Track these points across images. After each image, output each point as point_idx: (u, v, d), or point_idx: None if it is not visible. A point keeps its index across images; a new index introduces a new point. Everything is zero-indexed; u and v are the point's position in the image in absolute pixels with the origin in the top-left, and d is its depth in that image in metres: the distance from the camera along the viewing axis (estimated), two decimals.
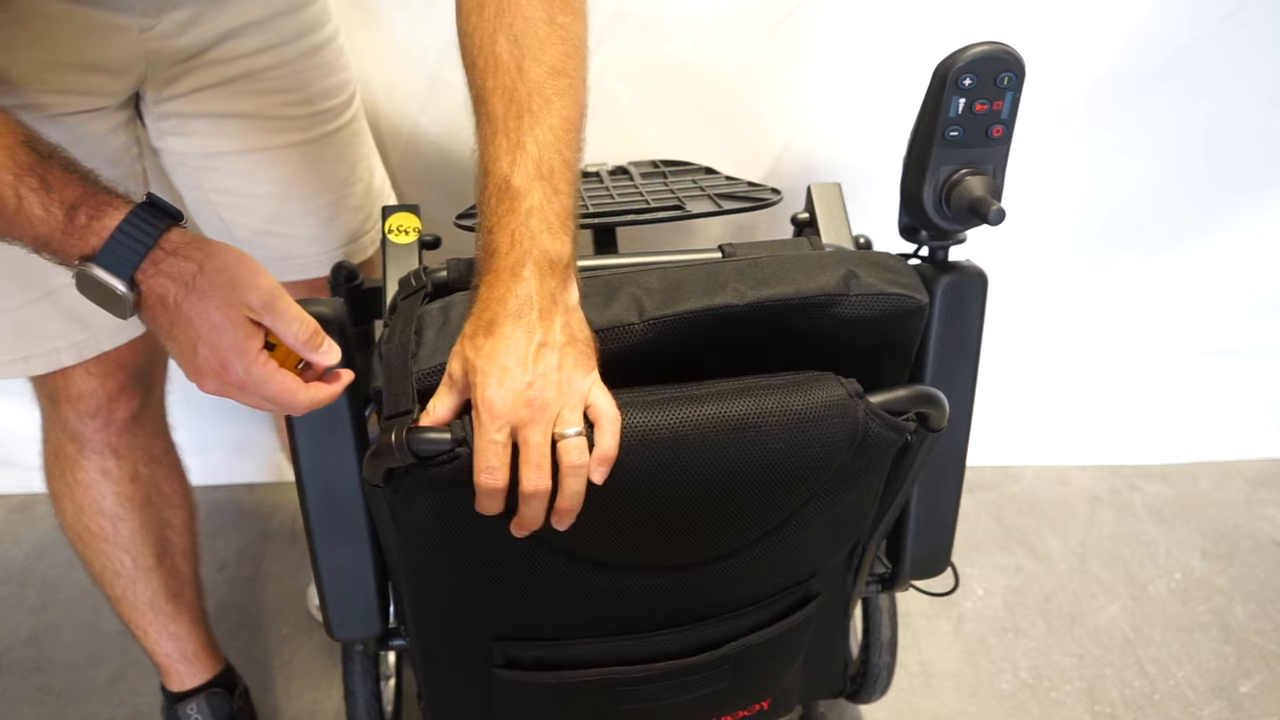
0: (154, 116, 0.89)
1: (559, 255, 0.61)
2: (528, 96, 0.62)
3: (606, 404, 0.60)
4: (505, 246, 0.60)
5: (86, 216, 0.58)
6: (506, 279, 0.60)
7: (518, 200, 0.60)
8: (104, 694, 1.25)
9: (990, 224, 0.69)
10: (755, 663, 0.78)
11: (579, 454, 0.59)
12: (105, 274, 0.58)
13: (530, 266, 0.59)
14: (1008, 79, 0.69)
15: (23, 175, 0.57)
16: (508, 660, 0.75)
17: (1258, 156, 1.42)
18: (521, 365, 0.58)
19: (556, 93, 0.63)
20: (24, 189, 0.57)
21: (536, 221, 0.60)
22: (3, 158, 0.57)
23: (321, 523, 0.75)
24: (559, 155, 0.62)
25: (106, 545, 1.02)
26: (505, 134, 0.62)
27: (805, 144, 1.32)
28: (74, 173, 0.59)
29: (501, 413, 0.57)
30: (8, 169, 0.57)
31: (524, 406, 0.57)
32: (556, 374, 0.59)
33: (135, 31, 0.80)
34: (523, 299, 0.59)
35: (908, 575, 0.86)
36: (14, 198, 0.57)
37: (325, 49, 0.95)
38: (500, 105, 0.63)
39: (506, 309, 0.59)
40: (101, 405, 0.93)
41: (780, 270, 0.69)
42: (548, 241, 0.60)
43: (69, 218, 0.58)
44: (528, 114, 0.62)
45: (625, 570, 0.69)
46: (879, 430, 0.65)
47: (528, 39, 0.63)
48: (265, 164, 0.94)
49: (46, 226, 0.58)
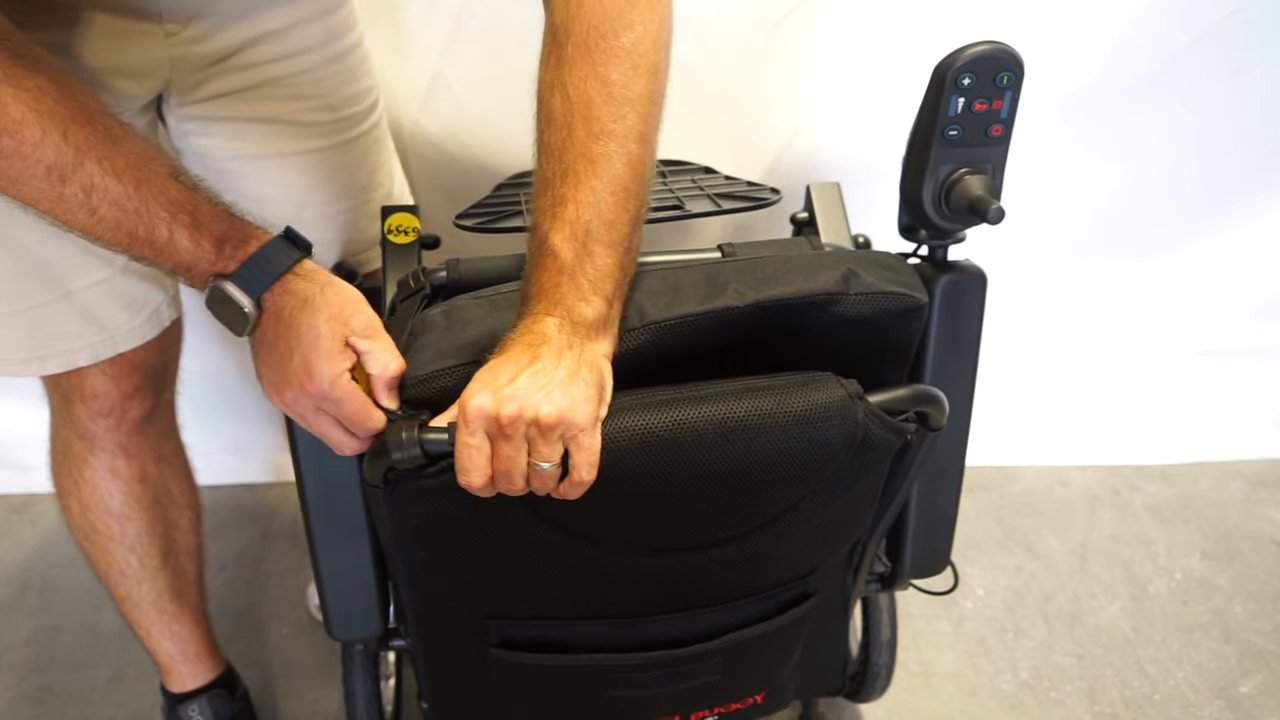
0: (176, 118, 0.89)
1: (584, 317, 0.62)
2: (574, 159, 0.63)
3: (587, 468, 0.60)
4: (535, 298, 0.63)
5: (233, 247, 0.63)
6: (530, 322, 0.62)
7: (551, 259, 0.63)
8: (104, 694, 1.25)
9: (990, 223, 0.69)
10: (748, 657, 0.79)
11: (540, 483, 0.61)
12: (238, 291, 0.63)
13: (554, 319, 0.61)
14: (1007, 78, 0.69)
15: (176, 213, 0.62)
16: (503, 639, 0.76)
17: (1257, 157, 1.42)
18: (511, 379, 0.59)
19: (602, 155, 0.63)
20: (176, 225, 0.62)
21: (565, 281, 0.62)
22: (158, 195, 0.62)
23: (321, 523, 0.75)
24: (598, 217, 0.62)
25: (112, 544, 1.02)
26: (550, 191, 0.64)
27: (805, 143, 1.32)
28: (218, 205, 0.64)
29: (473, 419, 0.58)
30: (163, 206, 0.62)
31: (495, 417, 0.58)
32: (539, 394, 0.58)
33: (161, 36, 0.81)
34: (539, 335, 0.61)
35: (907, 574, 0.86)
36: (166, 233, 0.62)
37: (350, 55, 0.95)
38: (549, 164, 0.64)
39: (522, 340, 0.61)
40: (115, 405, 0.94)
41: (780, 270, 0.69)
42: (573, 302, 0.62)
43: (217, 249, 0.63)
44: (571, 175, 0.63)
45: (622, 549, 0.70)
46: (879, 431, 0.65)
47: (578, 97, 0.64)
48: (286, 169, 0.94)
49: (193, 257, 0.63)
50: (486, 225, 0.88)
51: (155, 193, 0.61)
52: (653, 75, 0.65)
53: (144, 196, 0.61)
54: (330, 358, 0.61)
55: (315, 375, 0.61)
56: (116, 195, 0.61)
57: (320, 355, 0.61)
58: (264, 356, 0.65)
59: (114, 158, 0.61)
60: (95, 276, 0.84)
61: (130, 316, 0.88)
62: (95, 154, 0.60)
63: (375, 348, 0.63)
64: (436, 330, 0.66)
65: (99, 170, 0.60)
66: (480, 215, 0.91)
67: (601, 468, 0.61)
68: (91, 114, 0.62)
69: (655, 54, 0.65)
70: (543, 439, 0.58)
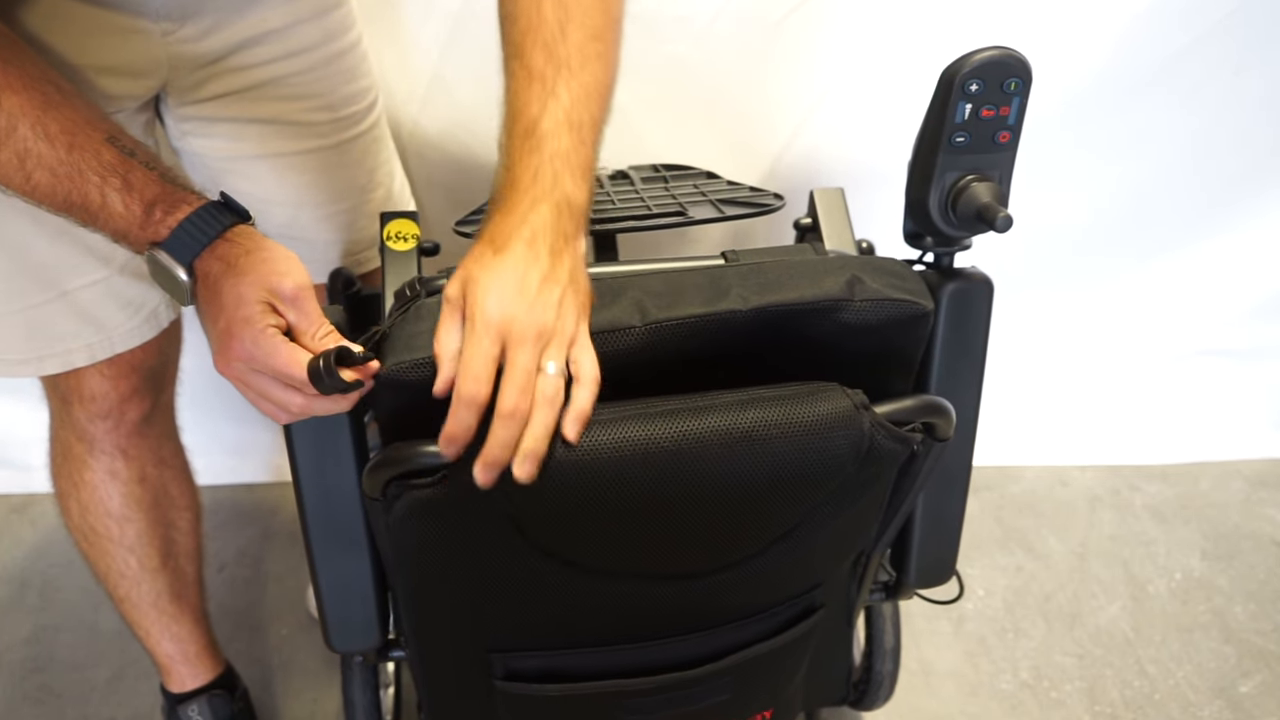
0: (175, 118, 0.89)
1: (577, 200, 0.63)
2: (567, 55, 0.66)
3: (590, 364, 0.61)
4: (527, 182, 0.62)
5: (162, 212, 0.62)
6: (523, 209, 0.62)
7: (544, 142, 0.63)
8: (104, 694, 1.25)
9: (998, 231, 0.69)
10: (758, 674, 0.78)
11: (554, 391, 0.58)
12: (168, 259, 0.62)
13: (549, 204, 0.61)
14: (1014, 84, 0.69)
15: (107, 176, 0.61)
16: (508, 672, 0.75)
17: (1257, 157, 1.42)
18: (523, 288, 0.59)
19: (595, 55, 0.66)
20: (108, 189, 0.61)
21: (561, 164, 0.63)
22: (90, 159, 0.61)
23: (320, 533, 0.74)
24: (588, 111, 0.65)
25: (112, 546, 1.02)
26: (541, 83, 0.65)
27: (805, 144, 1.31)
28: (154, 170, 0.63)
29: (495, 323, 0.58)
30: (94, 170, 0.61)
31: (520, 325, 0.58)
32: (555, 308, 0.59)
33: (158, 35, 0.80)
34: (537, 229, 0.61)
35: (912, 584, 0.86)
36: (99, 197, 0.61)
37: (348, 55, 0.94)
38: (540, 58, 0.66)
39: (520, 235, 0.60)
40: (113, 407, 0.93)
41: (784, 275, 0.68)
42: (569, 185, 0.62)
43: (147, 213, 0.62)
44: (565, 69, 0.65)
45: (626, 578, 0.68)
46: (885, 442, 0.64)
47: (572, 5, 0.67)
48: (285, 169, 0.93)
49: (126, 222, 0.62)
50: None
51: (88, 157, 0.61)
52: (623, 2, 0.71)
53: (75, 161, 0.61)
54: (250, 320, 0.60)
55: (236, 335, 0.60)
56: (49, 160, 0.60)
57: (241, 318, 0.60)
58: (205, 325, 0.64)
59: (47, 123, 0.60)
60: (92, 276, 0.84)
61: (128, 317, 0.88)
62: (29, 119, 0.60)
63: (302, 312, 0.62)
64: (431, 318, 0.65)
65: (31, 135, 0.60)
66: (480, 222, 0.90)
67: (603, 480, 0.60)
68: (30, 79, 0.61)
69: None
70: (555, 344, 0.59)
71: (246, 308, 0.60)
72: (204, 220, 0.62)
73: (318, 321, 0.62)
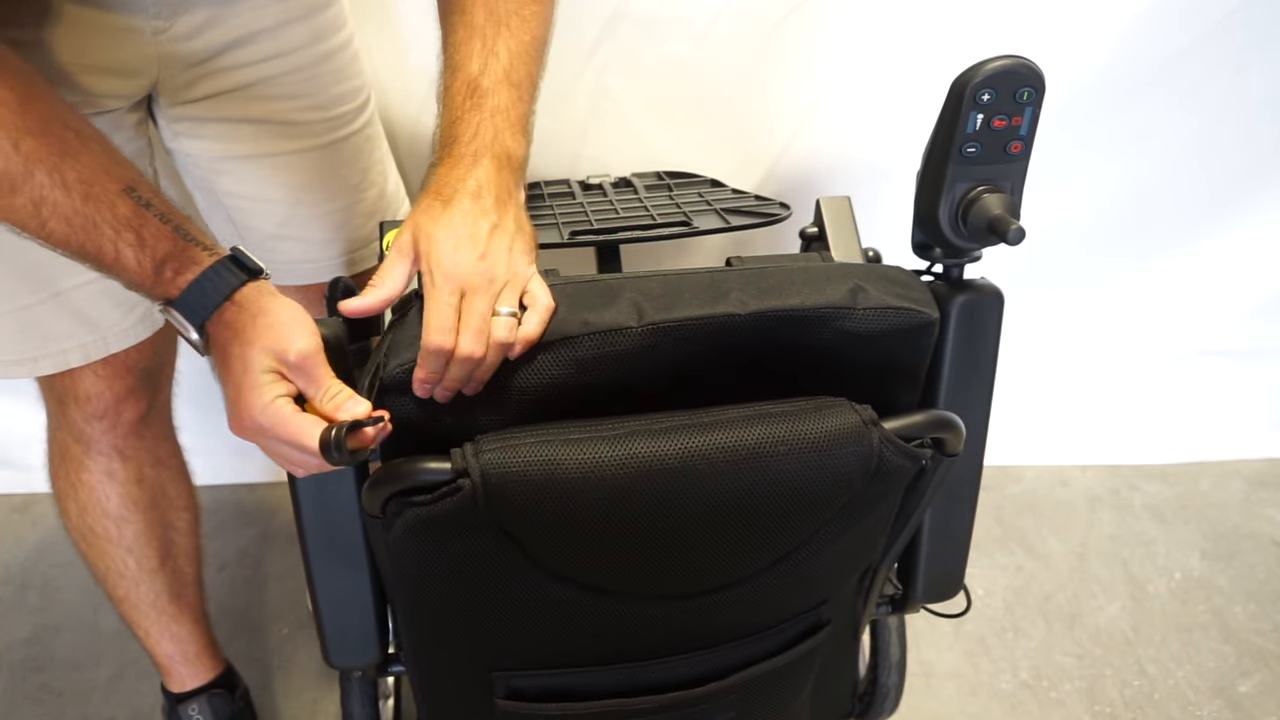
0: (167, 118, 0.88)
1: (516, 154, 0.67)
2: (506, 14, 0.69)
3: (543, 293, 0.64)
4: (468, 136, 0.66)
5: (173, 271, 0.62)
6: (467, 164, 0.65)
7: (484, 98, 0.66)
8: (104, 694, 1.25)
9: (1009, 244, 0.68)
10: (765, 691, 0.77)
11: (507, 332, 0.62)
12: (181, 319, 0.63)
13: (490, 158, 0.65)
14: (1027, 94, 0.68)
15: (121, 230, 0.61)
16: (510, 691, 0.74)
17: (1257, 156, 1.41)
18: (474, 239, 0.63)
19: (532, 15, 0.70)
20: (121, 243, 0.61)
21: (501, 119, 0.66)
22: (104, 211, 0.61)
23: (318, 548, 0.73)
24: (525, 68, 0.69)
25: (110, 546, 1.02)
26: (481, 40, 0.68)
27: (805, 144, 1.30)
28: (168, 223, 0.62)
29: (455, 277, 0.62)
30: (109, 223, 0.61)
31: (475, 275, 0.62)
32: (506, 254, 0.64)
33: (148, 34, 0.80)
34: (481, 182, 0.64)
35: (919, 598, 0.85)
36: (113, 250, 0.61)
37: (340, 54, 0.94)
38: (480, 14, 0.69)
39: (465, 188, 0.64)
40: (109, 407, 0.93)
41: (786, 281, 0.67)
42: (509, 139, 0.66)
43: (157, 271, 0.62)
44: (505, 28, 0.69)
45: (631, 598, 0.68)
46: (894, 458, 0.63)
47: None
48: (277, 169, 0.93)
49: (139, 276, 0.62)
50: None
51: (103, 208, 0.60)
52: None
53: (90, 212, 0.60)
54: (258, 389, 0.60)
55: (246, 404, 0.61)
56: (65, 209, 0.60)
57: (249, 387, 0.61)
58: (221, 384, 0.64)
59: (64, 170, 0.60)
60: (86, 276, 0.83)
61: (122, 316, 0.87)
62: (45, 165, 0.59)
63: (311, 379, 0.62)
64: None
65: (48, 182, 0.59)
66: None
67: (608, 495, 0.59)
68: (48, 124, 0.60)
69: None
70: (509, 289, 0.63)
71: (253, 376, 0.61)
72: (213, 281, 0.62)
73: (326, 385, 0.62)
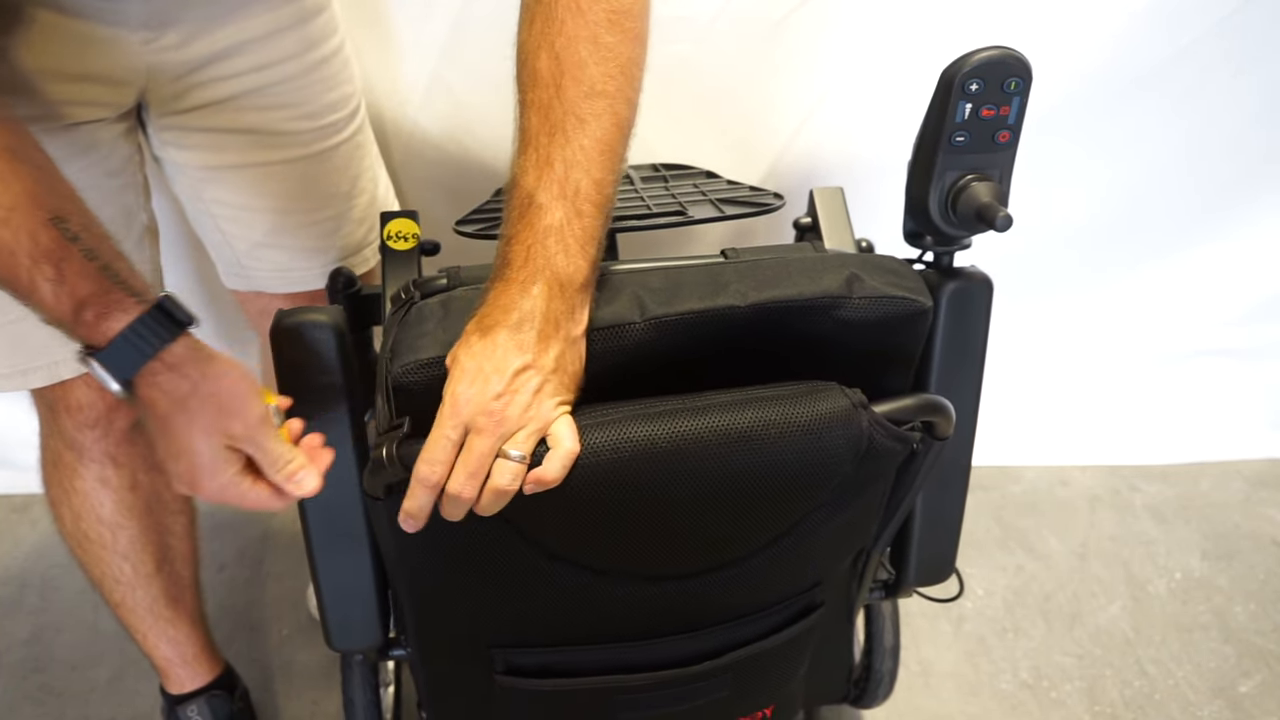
0: (156, 127, 0.88)
1: (571, 277, 0.61)
2: (562, 116, 0.62)
3: (568, 436, 0.60)
4: (520, 260, 0.61)
5: (94, 315, 0.58)
6: (515, 291, 0.60)
7: (538, 216, 0.61)
8: (104, 694, 1.25)
9: (998, 230, 0.69)
10: (758, 671, 0.78)
11: (510, 479, 0.59)
12: (103, 372, 0.58)
13: (540, 284, 0.60)
14: (1014, 84, 0.69)
15: (39, 261, 0.56)
16: (509, 667, 0.75)
17: (1256, 157, 1.42)
18: (499, 375, 0.58)
19: (592, 114, 0.62)
20: (38, 275, 0.56)
21: (554, 241, 0.61)
22: (24, 238, 0.56)
23: (321, 532, 0.75)
24: (587, 176, 0.62)
25: (105, 552, 1.01)
26: (535, 149, 0.62)
27: (806, 143, 1.31)
28: (94, 261, 0.58)
29: (460, 412, 0.58)
30: (25, 252, 0.56)
31: (484, 414, 0.58)
32: (530, 396, 0.59)
33: (137, 44, 0.80)
34: (525, 313, 0.60)
35: (912, 582, 0.86)
36: (28, 280, 0.57)
37: (331, 61, 0.93)
38: (534, 120, 0.63)
39: (508, 319, 0.60)
40: (101, 416, 0.93)
41: (783, 272, 0.68)
42: (562, 262, 0.61)
43: (75, 313, 0.57)
44: (560, 133, 0.62)
45: (626, 577, 0.69)
46: (884, 441, 0.64)
47: (568, 57, 0.62)
48: (266, 178, 0.93)
49: (56, 313, 0.58)
50: (487, 231, 0.88)
51: (22, 236, 0.56)
52: (639, 41, 0.65)
53: (6, 238, 0.56)
54: (212, 470, 0.60)
55: (201, 488, 0.60)
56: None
57: (201, 470, 0.60)
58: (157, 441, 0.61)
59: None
60: None
61: None
62: None
63: (261, 449, 0.61)
64: (434, 319, 0.65)
65: None
66: (480, 221, 0.90)
67: (602, 479, 0.60)
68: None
69: (643, 20, 0.65)
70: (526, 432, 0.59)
71: (206, 457, 0.60)
72: (141, 337, 0.58)
73: (275, 454, 0.62)
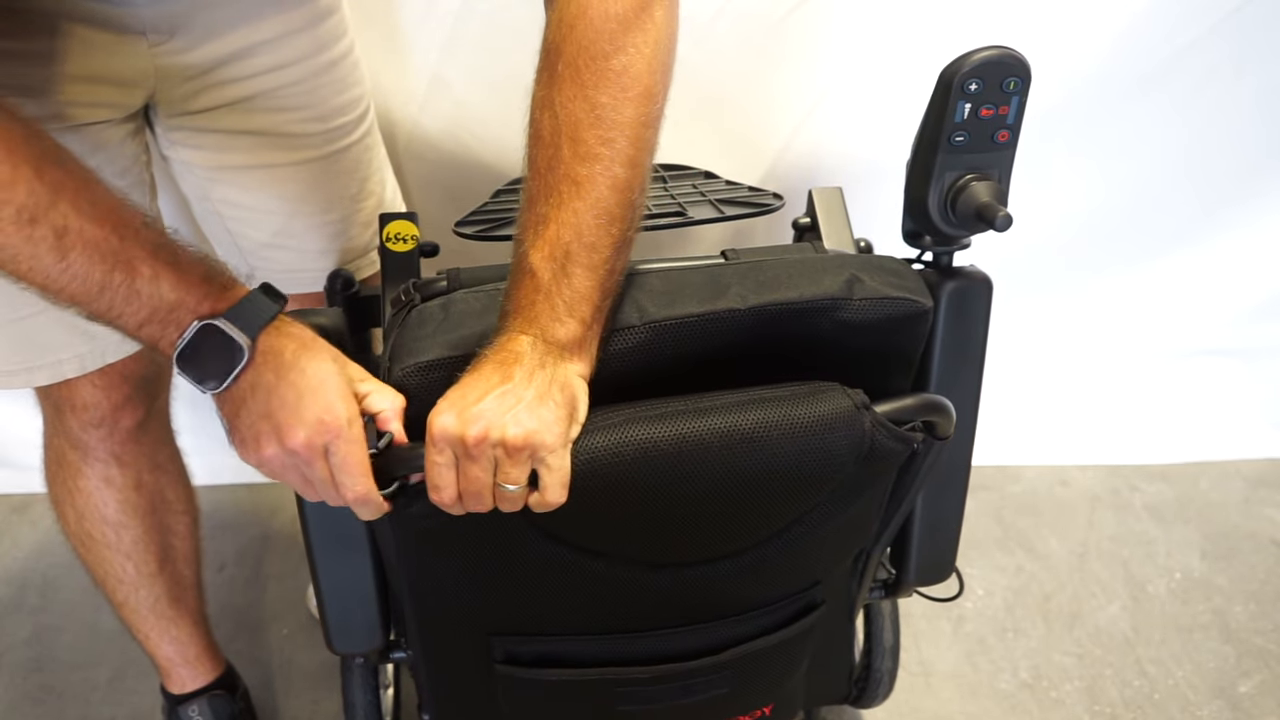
0: (165, 127, 0.88)
1: (557, 338, 0.61)
2: (559, 180, 0.63)
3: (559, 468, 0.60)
4: (511, 314, 0.63)
5: (220, 287, 0.61)
6: (506, 340, 0.62)
7: (529, 278, 0.62)
8: (104, 694, 1.25)
9: (997, 230, 0.69)
10: (758, 668, 0.78)
11: (513, 505, 0.61)
12: (233, 328, 0.60)
13: (527, 338, 0.61)
14: (1013, 84, 0.69)
15: (157, 253, 0.59)
16: (508, 656, 0.75)
17: (1256, 157, 1.42)
18: (479, 399, 0.58)
19: (586, 178, 0.62)
20: (159, 265, 0.59)
21: (541, 301, 0.62)
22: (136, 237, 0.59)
23: (321, 535, 0.75)
24: (578, 240, 0.62)
25: (108, 552, 1.02)
26: (534, 209, 0.63)
27: (806, 142, 1.32)
28: (197, 250, 0.62)
29: (439, 438, 0.58)
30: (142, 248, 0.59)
31: (461, 438, 0.58)
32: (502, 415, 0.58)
33: (145, 47, 0.80)
34: (511, 354, 0.61)
35: (912, 581, 0.86)
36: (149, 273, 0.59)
37: (340, 64, 0.93)
38: (535, 181, 0.64)
39: (495, 357, 0.61)
40: (106, 416, 0.93)
41: (783, 274, 0.68)
42: (547, 322, 0.61)
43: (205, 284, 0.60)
44: (555, 195, 0.63)
45: (626, 563, 0.69)
46: (885, 441, 0.65)
47: (565, 118, 0.63)
48: (275, 180, 0.93)
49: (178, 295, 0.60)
50: (486, 233, 0.88)
51: (133, 234, 0.59)
52: (644, 99, 0.64)
53: (123, 239, 0.58)
54: (346, 398, 0.60)
55: (335, 413, 0.59)
56: (93, 237, 0.57)
57: (338, 395, 0.60)
58: (253, 405, 0.60)
59: (91, 200, 0.58)
60: None
61: None
62: (69, 194, 0.57)
63: (376, 388, 0.63)
64: (434, 322, 0.66)
65: (73, 211, 0.57)
66: (479, 223, 0.90)
67: (604, 481, 0.60)
68: (61, 154, 0.58)
69: (648, 78, 0.64)
70: (510, 460, 0.58)
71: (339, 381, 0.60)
72: (262, 297, 0.62)
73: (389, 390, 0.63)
